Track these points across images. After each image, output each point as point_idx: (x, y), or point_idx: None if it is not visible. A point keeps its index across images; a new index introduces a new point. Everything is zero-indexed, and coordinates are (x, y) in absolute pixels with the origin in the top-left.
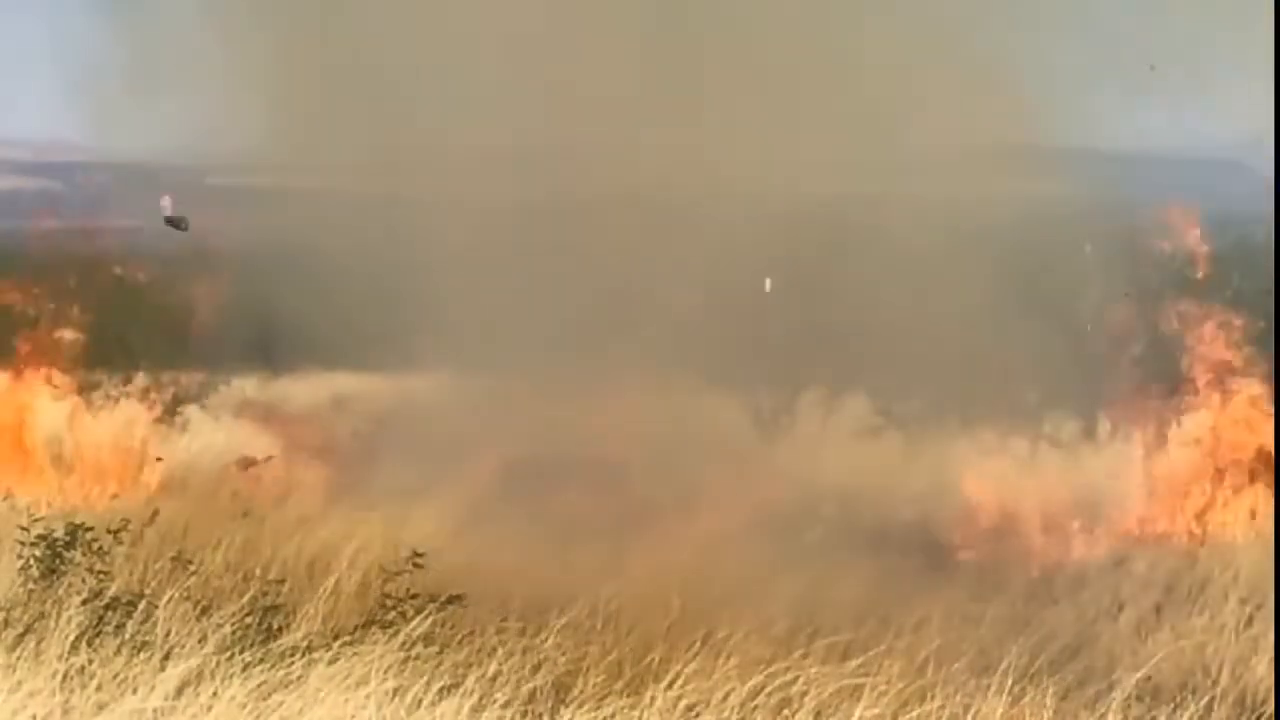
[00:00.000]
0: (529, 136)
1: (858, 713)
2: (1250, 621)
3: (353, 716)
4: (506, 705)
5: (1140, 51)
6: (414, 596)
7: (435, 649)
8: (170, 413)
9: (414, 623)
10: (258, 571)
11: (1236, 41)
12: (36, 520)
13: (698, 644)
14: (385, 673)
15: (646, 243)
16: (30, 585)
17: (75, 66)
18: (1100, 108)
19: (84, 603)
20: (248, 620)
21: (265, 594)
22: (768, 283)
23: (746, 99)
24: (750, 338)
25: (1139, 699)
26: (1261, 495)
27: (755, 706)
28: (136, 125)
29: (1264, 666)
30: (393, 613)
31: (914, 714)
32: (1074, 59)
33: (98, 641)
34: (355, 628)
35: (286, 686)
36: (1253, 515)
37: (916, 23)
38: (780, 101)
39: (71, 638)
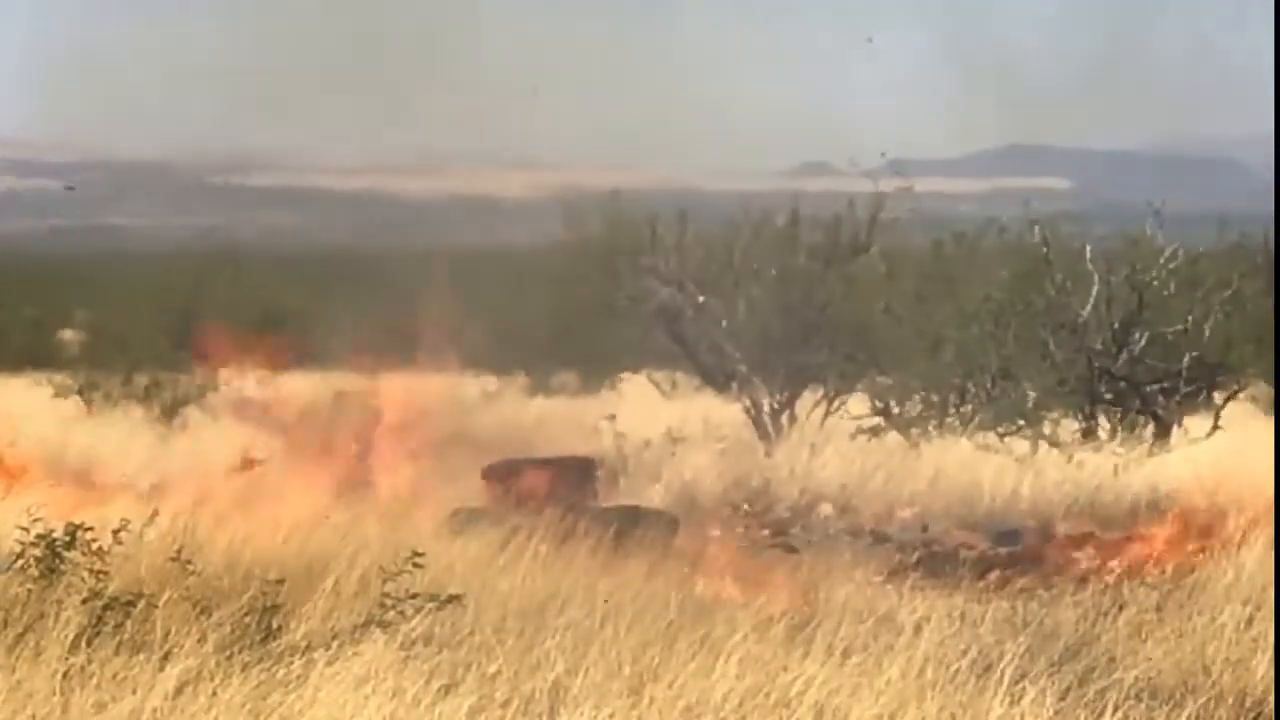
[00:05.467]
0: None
1: (857, 713)
2: (1250, 621)
3: (352, 716)
4: (506, 704)
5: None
6: (413, 596)
7: (435, 649)
8: (169, 414)
9: (413, 622)
10: (258, 571)
11: None
12: (36, 520)
13: (697, 643)
14: (385, 672)
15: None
16: (29, 585)
17: (77, 66)
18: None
19: (83, 603)
20: (247, 620)
21: (265, 594)
22: None
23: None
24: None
25: (1138, 699)
26: None
27: (755, 706)
28: (137, 125)
29: (1264, 666)
30: (392, 612)
31: (914, 714)
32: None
33: (97, 641)
34: (355, 628)
35: (286, 686)
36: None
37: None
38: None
39: (71, 638)
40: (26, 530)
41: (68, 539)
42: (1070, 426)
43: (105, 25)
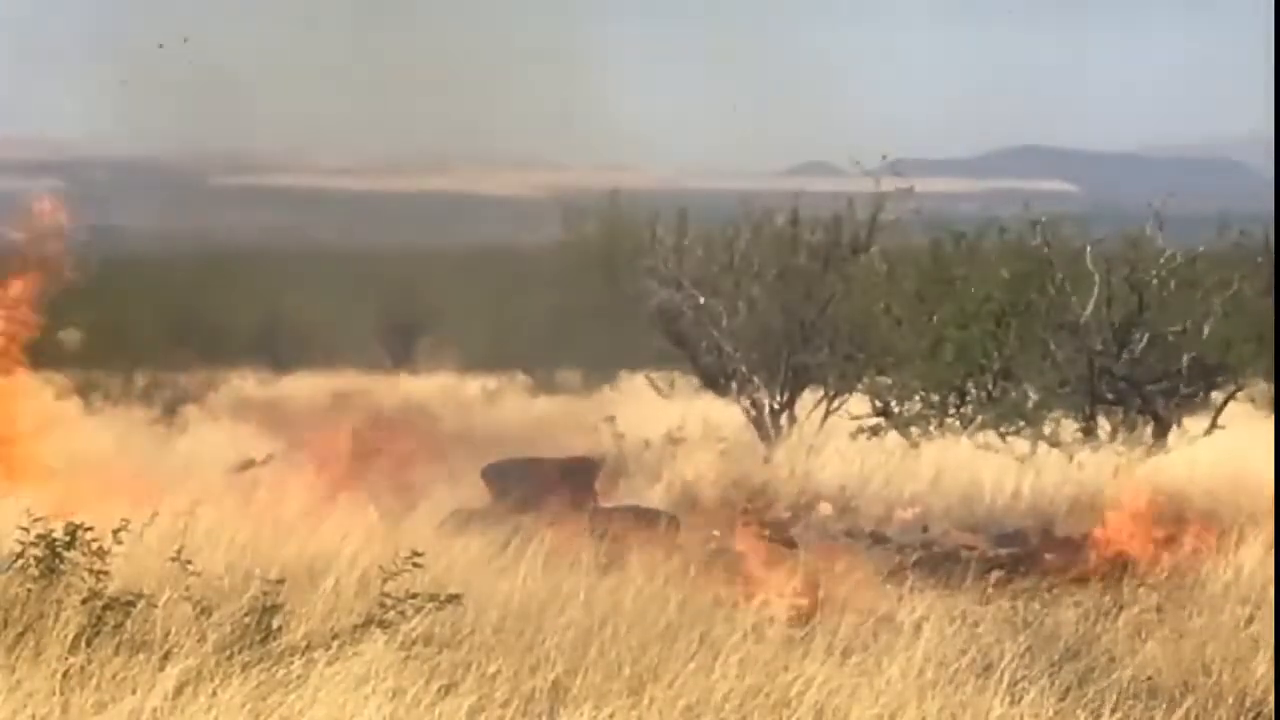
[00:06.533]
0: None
1: (857, 713)
2: (1250, 621)
3: (352, 716)
4: (505, 704)
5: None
6: (413, 596)
7: (435, 649)
8: (169, 413)
9: (413, 622)
10: (257, 571)
11: None
12: (37, 520)
13: (696, 643)
14: (385, 672)
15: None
16: (29, 585)
17: (77, 67)
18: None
19: (83, 603)
20: (247, 620)
21: (265, 594)
22: None
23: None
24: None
25: (1138, 698)
26: None
27: (755, 706)
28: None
29: (1264, 666)
30: (392, 612)
31: (914, 714)
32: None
33: (97, 641)
34: (354, 627)
35: (286, 686)
36: None
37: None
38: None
39: (71, 637)
40: (26, 530)
41: (68, 539)
42: (1070, 426)
43: (105, 25)
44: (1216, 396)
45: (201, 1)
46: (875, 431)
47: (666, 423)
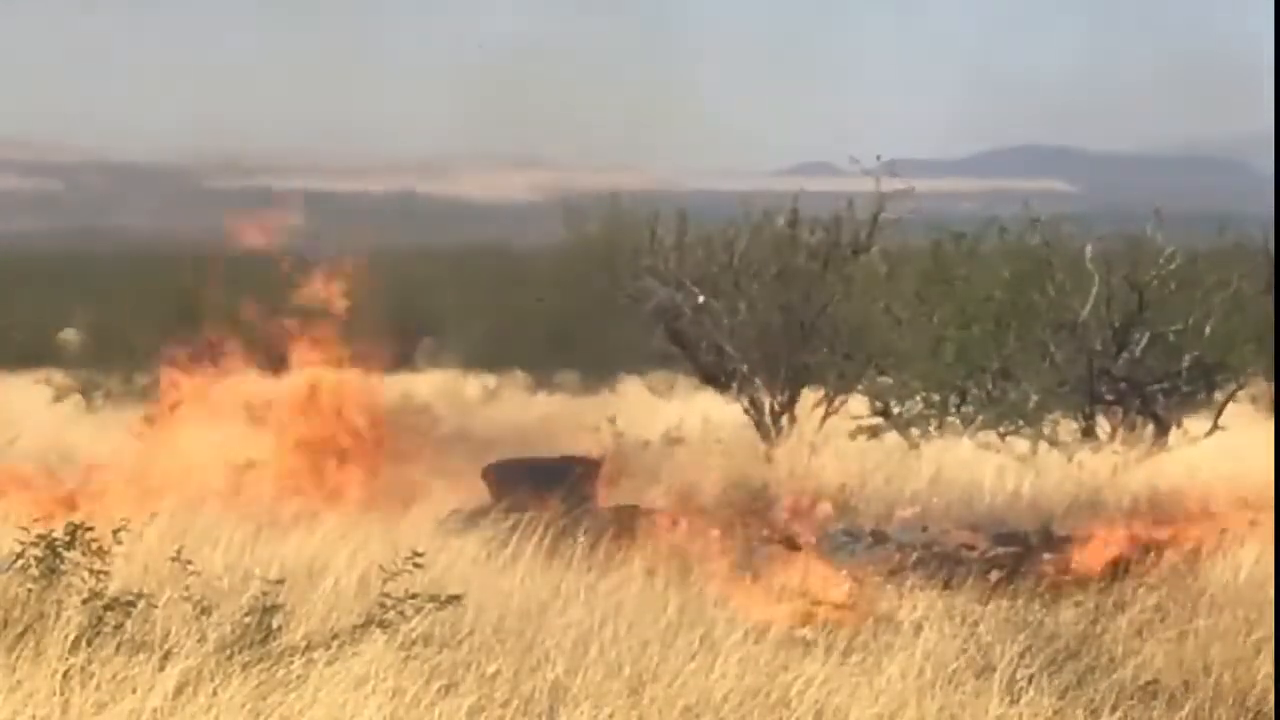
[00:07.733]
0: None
1: (857, 712)
2: (1250, 622)
3: (352, 716)
4: (505, 704)
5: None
6: (413, 596)
7: (435, 649)
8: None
9: (413, 622)
10: (257, 571)
11: None
12: (37, 520)
13: (696, 643)
14: (385, 672)
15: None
16: (30, 585)
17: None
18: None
19: (84, 603)
20: (247, 620)
21: (265, 594)
22: None
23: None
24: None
25: (1138, 699)
26: None
27: (754, 706)
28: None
29: (1265, 666)
30: (392, 612)
31: (914, 714)
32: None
33: (97, 641)
34: (354, 628)
35: (286, 686)
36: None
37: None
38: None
39: (71, 638)
40: (27, 530)
41: (68, 539)
42: (1070, 426)
43: (106, 25)
44: (1217, 396)
45: (203, 2)
46: (875, 432)
47: (666, 422)
